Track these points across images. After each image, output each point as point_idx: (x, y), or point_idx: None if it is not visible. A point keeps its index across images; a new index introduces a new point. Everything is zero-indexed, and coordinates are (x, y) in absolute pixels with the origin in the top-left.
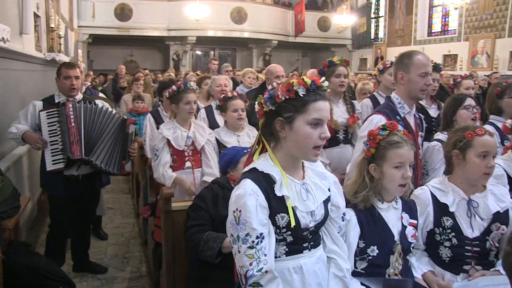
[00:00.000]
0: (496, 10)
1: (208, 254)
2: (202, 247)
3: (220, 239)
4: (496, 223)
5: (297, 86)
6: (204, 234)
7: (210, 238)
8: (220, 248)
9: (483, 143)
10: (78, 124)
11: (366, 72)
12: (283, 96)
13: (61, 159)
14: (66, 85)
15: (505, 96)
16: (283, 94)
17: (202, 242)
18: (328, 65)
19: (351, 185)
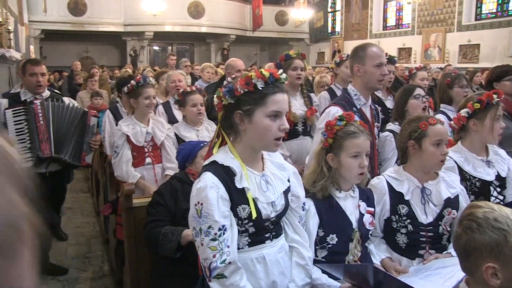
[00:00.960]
0: (445, 6)
1: (168, 247)
2: (161, 240)
3: (178, 231)
4: (447, 208)
5: (256, 79)
6: (162, 228)
7: (168, 231)
8: (179, 241)
9: (437, 132)
10: (46, 122)
11: (324, 66)
12: (242, 89)
13: (30, 157)
14: (32, 82)
15: (454, 86)
16: (242, 88)
17: (161, 236)
18: (284, 58)
19: (309, 175)
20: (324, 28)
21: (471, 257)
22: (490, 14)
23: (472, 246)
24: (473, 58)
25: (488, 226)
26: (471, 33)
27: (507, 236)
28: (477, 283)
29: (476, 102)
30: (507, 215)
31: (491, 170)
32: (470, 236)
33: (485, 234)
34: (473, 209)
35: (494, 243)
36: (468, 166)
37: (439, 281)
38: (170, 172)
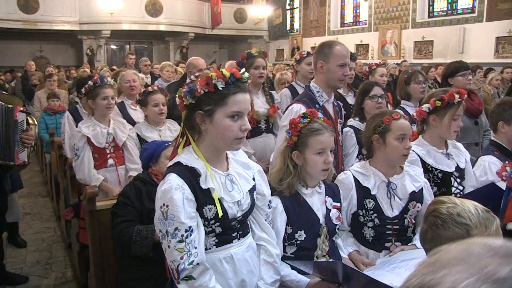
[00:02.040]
0: (400, 3)
1: (144, 245)
2: (136, 238)
3: (151, 228)
4: (412, 201)
5: (216, 79)
6: (134, 227)
7: (142, 229)
8: (154, 237)
9: (400, 126)
10: None
11: (283, 63)
12: (202, 89)
13: None
14: None
15: (411, 82)
16: (202, 88)
17: (134, 234)
18: (246, 57)
19: (276, 173)
20: (283, 25)
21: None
22: (441, 12)
23: (437, 241)
24: (427, 54)
25: (452, 221)
26: (425, 30)
27: (469, 230)
28: None
29: (437, 99)
30: (469, 209)
31: (451, 162)
32: (435, 232)
33: (449, 229)
34: (437, 205)
35: (457, 237)
36: (430, 158)
37: (406, 273)
38: (134, 173)
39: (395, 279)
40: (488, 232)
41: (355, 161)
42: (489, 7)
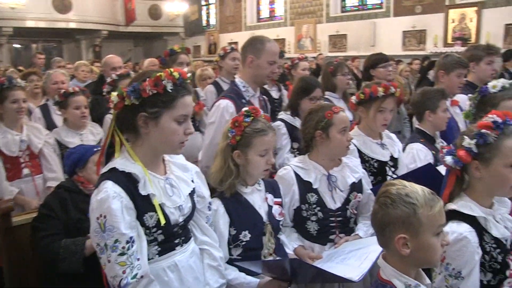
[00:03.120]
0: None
1: (74, 261)
2: (63, 254)
3: (80, 242)
4: (353, 192)
5: (166, 80)
6: (61, 242)
7: (69, 243)
8: (84, 251)
9: (342, 119)
10: None
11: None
12: (151, 91)
13: None
14: None
15: (337, 73)
16: (151, 89)
17: (61, 249)
18: (169, 53)
19: (216, 173)
20: (199, 21)
21: (386, 230)
22: (353, 7)
23: (386, 220)
24: (341, 47)
25: (400, 201)
26: (339, 24)
27: (415, 209)
28: (392, 255)
29: (361, 92)
30: (417, 190)
31: (385, 152)
32: (385, 211)
33: (398, 208)
34: (388, 186)
35: (405, 215)
36: (366, 149)
37: (356, 263)
38: (53, 183)
39: (347, 270)
40: (433, 212)
41: (287, 154)
42: (395, 4)
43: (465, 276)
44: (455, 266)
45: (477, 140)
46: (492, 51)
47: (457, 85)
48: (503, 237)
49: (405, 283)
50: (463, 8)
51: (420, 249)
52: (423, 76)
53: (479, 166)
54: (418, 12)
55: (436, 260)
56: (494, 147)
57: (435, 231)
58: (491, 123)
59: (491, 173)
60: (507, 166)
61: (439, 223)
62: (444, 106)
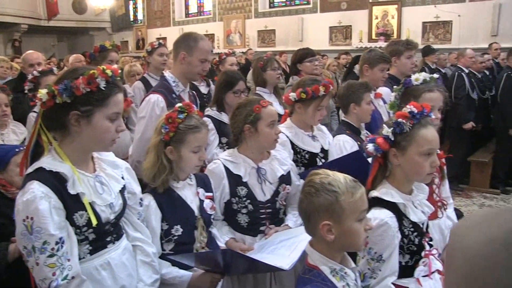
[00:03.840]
0: None
1: None
2: None
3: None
4: (282, 184)
5: (99, 78)
6: None
7: None
8: (6, 257)
9: (270, 113)
10: None
11: (128, 55)
12: (84, 89)
13: None
14: None
15: (268, 69)
16: (85, 87)
17: None
18: (99, 50)
19: (149, 169)
20: (126, 16)
21: (311, 218)
22: (281, 3)
23: (311, 208)
24: (270, 42)
25: (323, 189)
26: (267, 20)
27: (337, 197)
28: (318, 241)
29: (303, 91)
30: (339, 179)
31: (316, 144)
32: (309, 200)
33: (321, 196)
34: (312, 176)
35: (327, 203)
36: (298, 140)
37: (286, 252)
38: None
39: (277, 259)
40: (354, 198)
41: (215, 149)
42: (322, 0)
43: (386, 259)
44: (377, 250)
45: (394, 128)
46: (411, 46)
47: (380, 78)
48: (420, 221)
49: (330, 267)
50: (385, 6)
51: (344, 234)
52: (349, 70)
53: (397, 153)
54: (343, 8)
55: (360, 244)
56: (409, 136)
57: (358, 217)
58: (408, 113)
59: (407, 160)
60: (421, 154)
61: (361, 209)
62: (368, 99)
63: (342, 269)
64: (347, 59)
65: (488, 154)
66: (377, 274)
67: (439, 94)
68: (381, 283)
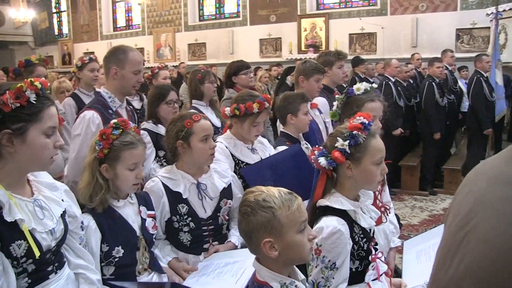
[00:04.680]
0: (172, 7)
1: None
2: None
3: None
4: (223, 199)
5: (28, 91)
6: None
7: None
8: None
9: (202, 127)
10: None
11: (55, 71)
12: (13, 104)
13: None
14: None
15: (205, 81)
16: (13, 102)
17: None
18: (25, 64)
19: (85, 189)
20: (50, 30)
21: (252, 238)
22: (210, 16)
23: (250, 228)
24: (201, 55)
25: (259, 207)
26: (197, 33)
27: (274, 212)
28: (263, 259)
29: (236, 108)
30: (274, 194)
31: (255, 156)
32: (247, 220)
33: (257, 214)
34: (247, 195)
35: (265, 220)
36: (236, 151)
37: (232, 279)
38: None
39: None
40: (291, 211)
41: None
42: (251, 13)
43: (339, 267)
44: (330, 258)
45: (349, 141)
46: (341, 56)
47: (316, 89)
48: (370, 226)
49: (280, 282)
50: (313, 18)
51: (288, 248)
52: (282, 81)
53: (351, 165)
54: (273, 21)
55: (306, 255)
56: (363, 147)
57: (298, 229)
58: (360, 125)
59: (361, 171)
60: (374, 163)
61: (300, 220)
62: (305, 109)
63: (292, 283)
64: (278, 71)
65: (416, 158)
66: (331, 282)
67: (380, 103)
68: None
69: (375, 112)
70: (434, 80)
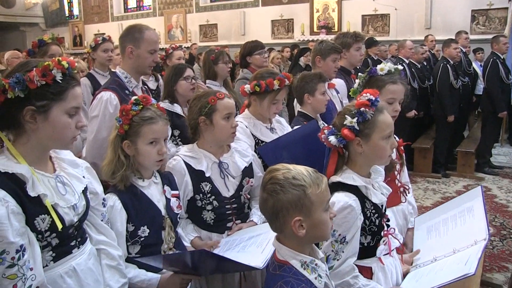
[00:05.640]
0: None
1: None
2: None
3: None
4: (245, 178)
5: (55, 69)
6: None
7: None
8: None
9: (226, 106)
10: None
11: (66, 52)
12: (39, 81)
13: None
14: None
15: (219, 62)
16: (39, 79)
17: None
18: (38, 44)
19: (107, 166)
20: (61, 11)
21: (279, 216)
22: None
23: (279, 206)
24: (212, 36)
25: (289, 185)
26: (209, 14)
27: (305, 190)
28: (287, 237)
29: (257, 84)
30: (302, 171)
31: (274, 136)
32: (275, 198)
33: (288, 192)
34: (273, 173)
35: (296, 198)
36: (256, 131)
37: (258, 250)
38: None
39: (250, 258)
40: (320, 189)
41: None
42: None
43: (349, 241)
44: (340, 232)
45: (358, 118)
46: (359, 38)
47: (333, 69)
48: (381, 202)
49: (300, 261)
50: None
51: (314, 227)
52: (295, 62)
53: (361, 141)
54: (285, 2)
55: (328, 233)
56: (371, 123)
57: (325, 207)
58: (368, 101)
59: (371, 146)
60: (383, 138)
61: (327, 198)
62: (322, 89)
63: (313, 261)
64: (290, 52)
65: (429, 140)
66: (340, 255)
67: (402, 86)
68: (343, 264)
69: (395, 95)
70: (449, 62)
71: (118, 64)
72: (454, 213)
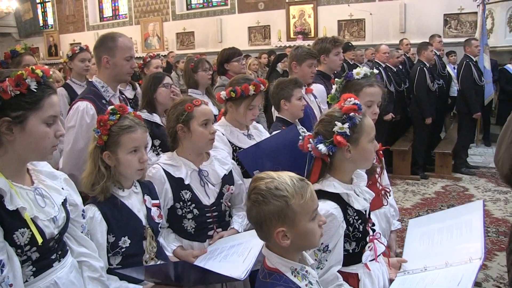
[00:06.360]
0: None
1: None
2: None
3: None
4: (225, 185)
5: (29, 78)
6: None
7: None
8: None
9: (203, 112)
10: None
11: (41, 63)
12: (13, 91)
13: None
14: None
15: (198, 69)
16: (13, 89)
17: None
18: (11, 55)
19: (87, 178)
20: (35, 21)
21: (263, 226)
22: (198, 4)
23: (261, 216)
24: (189, 44)
25: (271, 195)
26: (185, 22)
27: (287, 201)
28: (274, 246)
29: (232, 90)
30: (286, 181)
31: (252, 142)
32: (258, 209)
33: (270, 203)
34: (257, 182)
35: (278, 209)
36: (233, 138)
37: (239, 259)
38: None
39: (231, 268)
40: (304, 199)
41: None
42: (239, 0)
43: (332, 249)
44: (323, 241)
45: (348, 123)
46: (338, 42)
47: (309, 74)
48: (364, 208)
49: (291, 268)
50: (301, 5)
51: (300, 236)
52: (272, 69)
53: (350, 147)
54: (261, 8)
55: (317, 241)
56: (359, 127)
57: (311, 216)
58: (355, 106)
59: (358, 150)
60: (369, 141)
61: (313, 208)
62: (298, 95)
63: (303, 268)
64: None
65: (407, 143)
66: (324, 264)
67: (379, 89)
68: (327, 273)
69: (373, 97)
70: (425, 65)
71: (94, 73)
72: (451, 223)
